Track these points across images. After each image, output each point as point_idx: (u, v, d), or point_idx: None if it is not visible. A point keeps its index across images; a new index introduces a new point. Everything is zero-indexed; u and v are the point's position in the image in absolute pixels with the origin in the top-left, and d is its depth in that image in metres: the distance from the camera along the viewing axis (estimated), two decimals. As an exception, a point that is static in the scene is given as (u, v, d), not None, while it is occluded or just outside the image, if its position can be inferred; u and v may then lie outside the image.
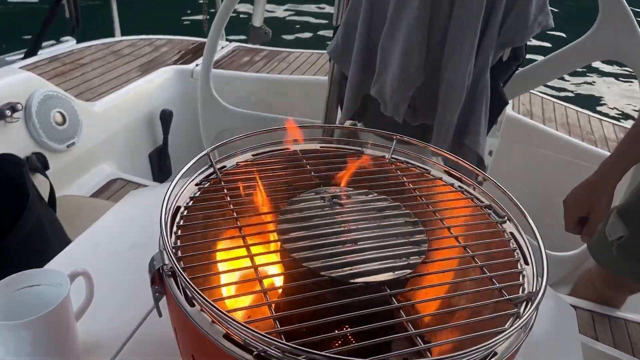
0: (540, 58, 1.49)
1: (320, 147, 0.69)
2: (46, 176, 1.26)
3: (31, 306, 0.59)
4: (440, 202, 0.62)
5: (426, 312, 0.53)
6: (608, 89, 4.50)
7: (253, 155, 0.66)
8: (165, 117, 2.00)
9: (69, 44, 2.15)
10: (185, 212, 0.55)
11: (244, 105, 1.91)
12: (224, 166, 0.63)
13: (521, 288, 0.50)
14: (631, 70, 1.42)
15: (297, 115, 1.69)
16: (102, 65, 2.00)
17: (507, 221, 0.59)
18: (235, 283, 0.49)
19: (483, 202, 0.62)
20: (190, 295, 0.44)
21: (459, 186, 0.65)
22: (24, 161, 1.16)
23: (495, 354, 0.43)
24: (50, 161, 1.52)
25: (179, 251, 0.49)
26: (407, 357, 0.49)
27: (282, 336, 0.41)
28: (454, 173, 0.66)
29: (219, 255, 0.52)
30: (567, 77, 4.37)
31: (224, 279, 0.49)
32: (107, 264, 0.77)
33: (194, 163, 0.58)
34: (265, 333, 0.39)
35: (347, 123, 1.35)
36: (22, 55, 2.03)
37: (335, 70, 1.29)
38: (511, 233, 0.57)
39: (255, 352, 0.40)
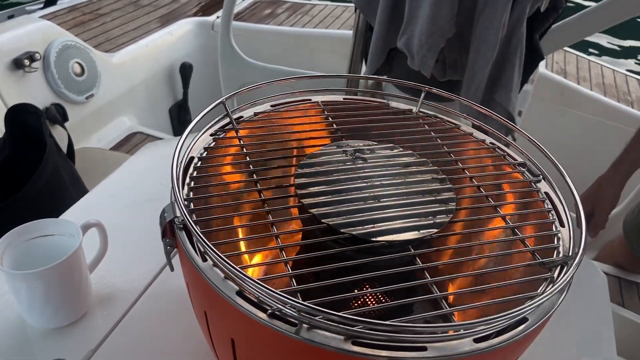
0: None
1: (344, 98, 0.65)
2: (64, 127, 1.24)
3: (44, 256, 0.58)
4: (470, 159, 0.58)
5: (452, 274, 0.50)
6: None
7: (272, 106, 0.62)
8: (185, 71, 1.96)
9: (88, -8, 2.11)
10: (199, 163, 0.52)
11: (265, 59, 1.86)
12: (241, 117, 0.60)
13: (556, 251, 0.46)
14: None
15: (320, 70, 1.64)
16: (122, 15, 1.96)
17: (542, 180, 0.55)
18: (249, 238, 0.46)
19: (516, 160, 0.58)
20: (202, 249, 0.42)
21: (490, 143, 0.60)
22: (41, 111, 1.14)
23: (527, 320, 0.40)
24: (69, 113, 1.51)
25: (191, 203, 0.46)
26: (431, 320, 0.46)
27: (299, 295, 0.38)
28: (486, 128, 0.61)
29: (234, 209, 0.49)
30: (604, 33, 4.16)
31: (238, 234, 0.47)
32: (122, 216, 0.76)
33: (208, 111, 0.55)
34: (281, 291, 0.37)
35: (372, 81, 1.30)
36: (41, 5, 2.01)
37: (360, 21, 1.22)
38: (546, 193, 0.53)
39: (269, 311, 0.38)
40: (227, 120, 0.58)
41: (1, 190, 1.07)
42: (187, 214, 0.42)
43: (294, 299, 0.36)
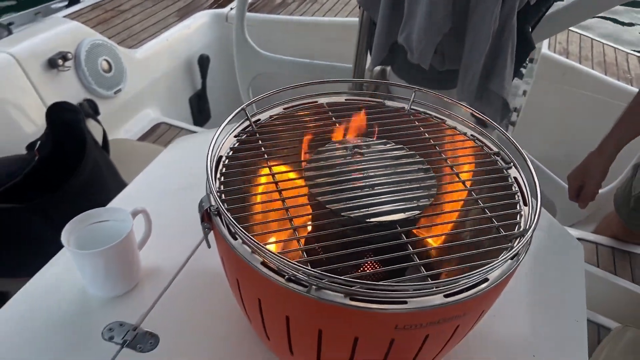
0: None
1: (346, 99, 0.76)
2: (98, 121, 1.37)
3: (101, 238, 0.71)
4: (452, 150, 0.69)
5: (431, 246, 0.61)
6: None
7: (284, 109, 0.73)
8: (203, 62, 2.07)
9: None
10: (227, 161, 0.64)
11: (277, 47, 1.96)
12: (259, 119, 0.71)
13: (517, 226, 0.57)
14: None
15: (328, 57, 1.74)
16: (141, 11, 2.07)
17: (513, 167, 0.65)
18: (269, 221, 0.58)
19: (492, 150, 0.68)
20: (233, 231, 0.54)
21: (471, 135, 0.71)
22: (79, 108, 1.27)
23: (487, 280, 0.51)
24: (100, 107, 1.64)
25: (223, 195, 0.58)
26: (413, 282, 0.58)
27: (308, 264, 0.50)
28: (466, 121, 0.71)
29: (256, 198, 0.61)
30: (608, 13, 4.15)
31: (260, 217, 0.59)
32: (159, 203, 0.88)
33: (232, 118, 0.66)
34: (295, 261, 0.49)
35: (377, 69, 1.40)
36: (65, 3, 2.12)
37: (364, 17, 1.32)
38: (515, 178, 0.64)
39: (286, 276, 0.50)
40: (247, 123, 0.70)
41: (46, 182, 1.21)
42: (220, 204, 0.53)
43: (304, 267, 0.48)
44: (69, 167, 1.19)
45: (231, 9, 2.19)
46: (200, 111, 2.15)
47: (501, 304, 0.74)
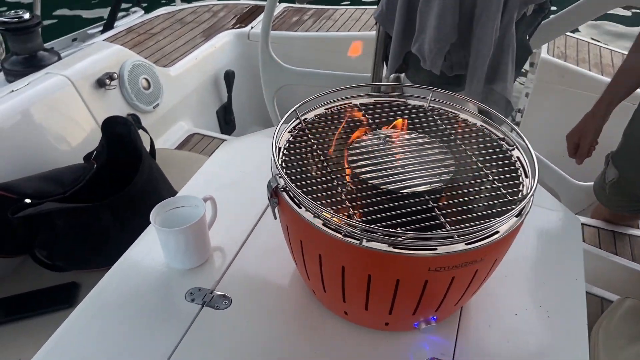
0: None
1: (374, 100, 0.92)
2: (147, 132, 1.54)
3: (179, 220, 0.87)
4: (465, 137, 0.84)
5: (452, 209, 0.76)
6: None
7: (325, 109, 0.89)
8: (229, 77, 2.25)
9: (138, 14, 2.41)
10: (285, 151, 0.79)
11: (296, 62, 2.13)
12: (305, 118, 0.87)
13: (520, 193, 0.73)
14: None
15: (344, 69, 1.90)
16: (171, 33, 2.26)
17: (515, 149, 0.81)
18: (326, 193, 0.73)
19: (498, 136, 0.84)
20: (298, 202, 0.69)
21: (480, 125, 0.86)
22: (130, 121, 1.44)
23: (498, 232, 0.66)
24: (141, 121, 1.81)
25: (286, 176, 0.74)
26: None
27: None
28: (475, 114, 0.87)
29: (313, 178, 0.77)
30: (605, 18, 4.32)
31: (318, 192, 0.74)
32: (217, 194, 1.04)
33: (286, 117, 0.82)
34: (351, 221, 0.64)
35: (392, 76, 1.56)
36: (100, 28, 2.31)
37: (380, 32, 1.49)
38: (517, 157, 0.79)
39: (343, 233, 0.65)
40: (297, 121, 0.86)
41: (104, 187, 1.37)
42: (289, 181, 0.69)
43: (360, 223, 0.63)
44: (124, 173, 1.36)
45: (252, 27, 2.38)
46: (227, 122, 2.32)
47: (512, 266, 0.90)
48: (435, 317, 0.76)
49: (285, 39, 2.30)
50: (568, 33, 2.30)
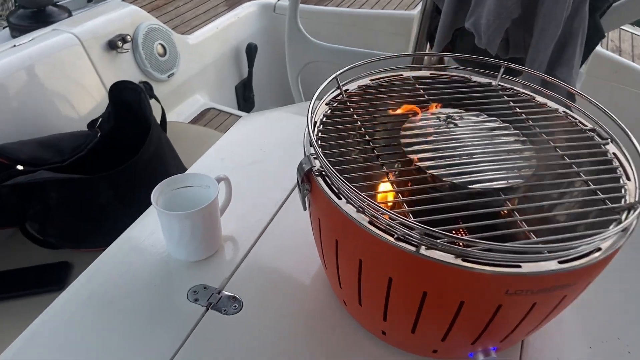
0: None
1: (431, 74, 0.76)
2: (159, 101, 1.39)
3: (183, 202, 0.72)
4: (546, 125, 0.67)
5: (537, 214, 0.59)
6: None
7: (371, 80, 0.73)
8: (251, 51, 2.09)
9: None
10: (322, 126, 0.64)
11: (324, 39, 1.96)
12: (347, 89, 0.71)
13: (623, 199, 0.56)
14: None
15: (376, 50, 1.73)
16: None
17: (610, 142, 0.64)
18: (374, 183, 0.58)
19: (587, 126, 0.67)
20: (337, 190, 0.54)
21: (563, 111, 0.70)
22: (141, 87, 1.29)
23: (600, 249, 0.50)
24: (154, 89, 1.66)
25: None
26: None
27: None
28: (558, 97, 0.70)
29: (356, 162, 0.61)
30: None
31: (360, 180, 0.58)
32: (232, 175, 0.89)
33: (325, 85, 0.66)
34: (409, 220, 0.48)
35: (434, 58, 1.39)
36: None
37: (428, 4, 1.31)
38: (614, 154, 0.62)
39: (396, 235, 0.49)
40: (337, 92, 0.69)
41: (107, 158, 1.23)
42: (328, 164, 0.53)
43: (421, 225, 0.47)
44: (130, 144, 1.21)
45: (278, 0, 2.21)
46: (246, 99, 2.16)
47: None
48: (496, 347, 0.60)
49: (314, 14, 2.13)
50: (623, 26, 2.10)
